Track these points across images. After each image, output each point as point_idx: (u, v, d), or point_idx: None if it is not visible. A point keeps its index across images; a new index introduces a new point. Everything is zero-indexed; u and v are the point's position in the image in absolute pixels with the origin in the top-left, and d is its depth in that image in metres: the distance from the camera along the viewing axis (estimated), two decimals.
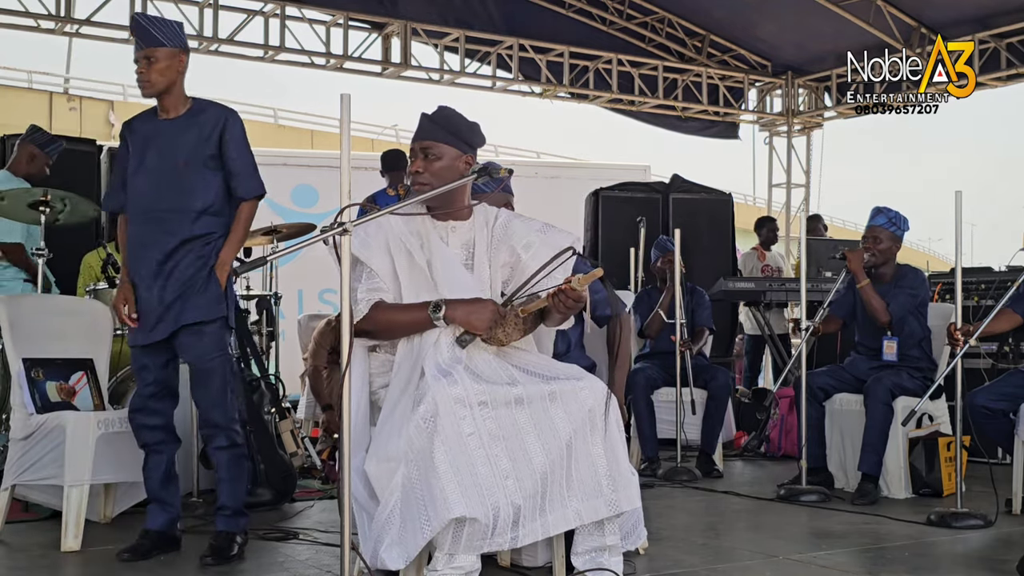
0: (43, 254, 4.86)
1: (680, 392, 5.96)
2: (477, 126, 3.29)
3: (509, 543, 2.87)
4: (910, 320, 5.31)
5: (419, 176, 3.18)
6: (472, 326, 3.00)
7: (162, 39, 3.73)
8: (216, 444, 3.78)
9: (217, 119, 3.77)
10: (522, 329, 3.10)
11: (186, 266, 3.70)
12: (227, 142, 3.76)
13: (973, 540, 4.26)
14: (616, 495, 2.99)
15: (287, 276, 6.61)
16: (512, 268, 3.21)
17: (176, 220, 3.69)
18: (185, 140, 3.75)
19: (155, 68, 3.73)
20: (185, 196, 3.71)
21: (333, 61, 11.02)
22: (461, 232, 3.24)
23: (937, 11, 10.95)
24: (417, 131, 3.24)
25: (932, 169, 78.09)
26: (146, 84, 3.75)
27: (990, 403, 4.70)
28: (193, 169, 3.72)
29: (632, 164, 13.08)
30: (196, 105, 3.82)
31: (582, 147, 58.08)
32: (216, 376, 3.74)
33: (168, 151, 3.75)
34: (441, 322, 3.02)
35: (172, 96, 3.79)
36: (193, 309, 3.69)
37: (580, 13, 11.90)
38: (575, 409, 2.98)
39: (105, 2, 9.88)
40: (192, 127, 3.76)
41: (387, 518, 2.84)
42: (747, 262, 9.50)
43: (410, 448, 2.82)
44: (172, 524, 3.82)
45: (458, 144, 3.21)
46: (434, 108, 3.28)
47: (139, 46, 3.74)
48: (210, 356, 3.72)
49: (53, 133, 6.18)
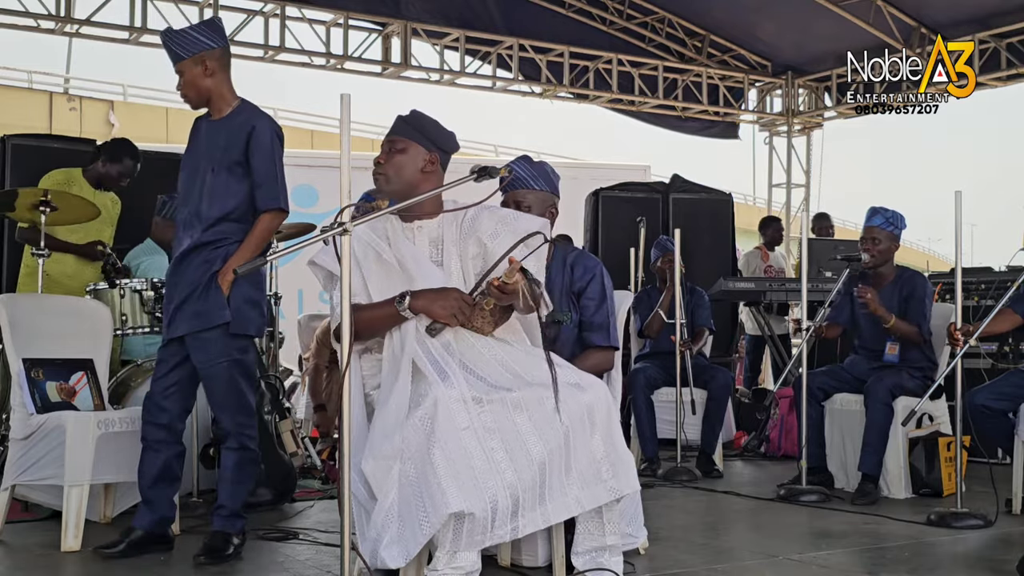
0: (43, 254, 4.85)
1: (680, 392, 5.96)
2: (451, 134, 3.34)
3: (510, 534, 2.88)
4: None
5: (378, 168, 3.24)
6: (435, 314, 3.04)
7: (181, 52, 3.74)
8: (226, 445, 3.81)
9: (244, 125, 3.72)
10: (492, 321, 3.13)
11: (193, 270, 3.71)
12: (253, 149, 3.70)
13: (973, 540, 4.26)
14: (616, 480, 3.00)
15: (287, 276, 6.59)
16: (484, 259, 3.23)
17: (194, 224, 3.72)
18: (215, 144, 3.74)
19: (185, 82, 3.76)
20: (205, 201, 3.71)
21: (333, 61, 11.02)
22: (428, 230, 3.27)
23: (937, 11, 10.95)
24: (389, 130, 3.29)
25: (932, 169, 78.17)
26: (185, 100, 3.79)
27: (990, 402, 4.70)
28: (217, 174, 3.70)
29: (632, 164, 13.08)
30: (238, 107, 3.80)
31: (582, 147, 58.13)
32: (219, 381, 3.73)
33: (201, 153, 3.78)
34: (408, 312, 3.05)
35: (215, 100, 3.79)
36: (193, 317, 3.69)
37: (580, 13, 11.90)
38: (574, 410, 2.98)
39: (105, 2, 9.88)
40: (224, 131, 3.75)
41: (385, 516, 2.84)
42: (750, 262, 9.49)
43: (406, 445, 2.83)
44: (159, 524, 3.82)
45: (423, 142, 3.25)
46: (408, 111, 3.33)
47: (171, 63, 3.77)
48: (212, 362, 3.71)
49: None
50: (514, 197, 3.76)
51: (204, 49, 3.75)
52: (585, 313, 3.90)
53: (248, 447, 3.79)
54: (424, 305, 3.05)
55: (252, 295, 3.78)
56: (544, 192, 3.81)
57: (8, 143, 6.51)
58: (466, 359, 3.06)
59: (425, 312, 3.05)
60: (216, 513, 3.78)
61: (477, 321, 3.10)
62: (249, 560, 3.73)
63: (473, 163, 3.23)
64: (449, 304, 3.04)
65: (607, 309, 3.90)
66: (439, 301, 3.05)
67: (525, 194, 3.76)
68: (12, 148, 6.48)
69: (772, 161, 13.79)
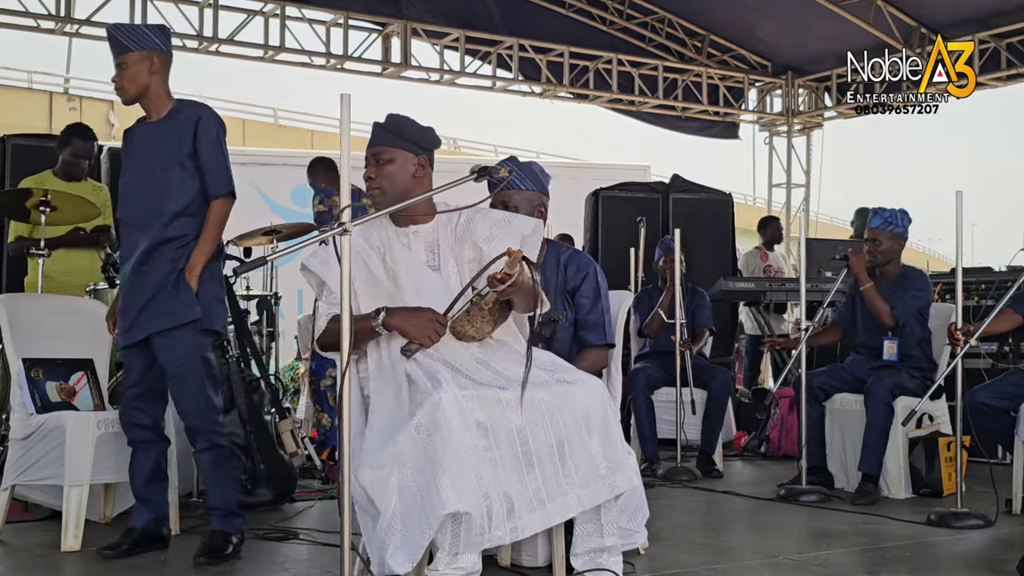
0: (43, 254, 4.86)
1: (680, 392, 5.96)
2: (430, 130, 3.31)
3: (509, 535, 2.88)
4: (911, 322, 5.30)
5: (371, 182, 3.23)
6: (408, 334, 3.02)
7: (130, 45, 3.74)
8: (197, 447, 3.80)
9: (190, 117, 3.75)
10: (491, 321, 3.12)
11: (158, 269, 3.70)
12: (200, 139, 3.73)
13: (973, 540, 4.26)
14: (614, 476, 3.00)
15: (287, 276, 6.59)
16: (479, 263, 3.21)
17: (152, 223, 3.70)
18: (163, 142, 3.76)
19: (126, 75, 3.75)
20: (160, 198, 3.71)
21: (333, 61, 11.02)
22: (424, 234, 3.26)
23: (937, 11, 10.95)
24: (369, 140, 3.27)
25: (932, 169, 78.14)
26: (120, 91, 3.79)
27: (990, 400, 4.70)
28: (169, 171, 3.72)
29: (632, 164, 13.08)
30: (176, 106, 3.82)
31: (582, 147, 58.04)
32: (190, 380, 3.72)
33: (148, 154, 3.77)
34: (381, 328, 3.04)
35: (151, 99, 3.81)
36: (163, 315, 3.68)
37: (580, 13, 11.90)
38: (568, 412, 2.98)
39: (105, 2, 9.87)
40: (169, 128, 3.77)
41: (388, 524, 2.84)
42: (749, 261, 9.50)
43: (402, 452, 2.83)
44: (157, 523, 3.83)
45: (408, 147, 3.23)
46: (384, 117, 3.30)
47: (113, 56, 3.77)
48: (182, 360, 3.71)
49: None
50: (501, 198, 3.76)
51: (153, 48, 3.78)
52: (580, 312, 3.90)
53: (220, 444, 3.79)
54: (398, 323, 3.03)
55: (219, 293, 3.83)
56: (532, 192, 3.81)
57: (8, 143, 6.53)
58: (449, 360, 3.06)
59: (399, 331, 3.03)
60: (212, 514, 3.78)
61: (476, 322, 3.08)
62: (249, 560, 3.73)
63: (473, 163, 3.23)
64: (421, 324, 3.01)
65: (602, 307, 3.91)
66: (412, 321, 3.02)
67: (512, 195, 3.76)
68: (12, 148, 6.50)
69: (772, 161, 13.79)
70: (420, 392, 2.92)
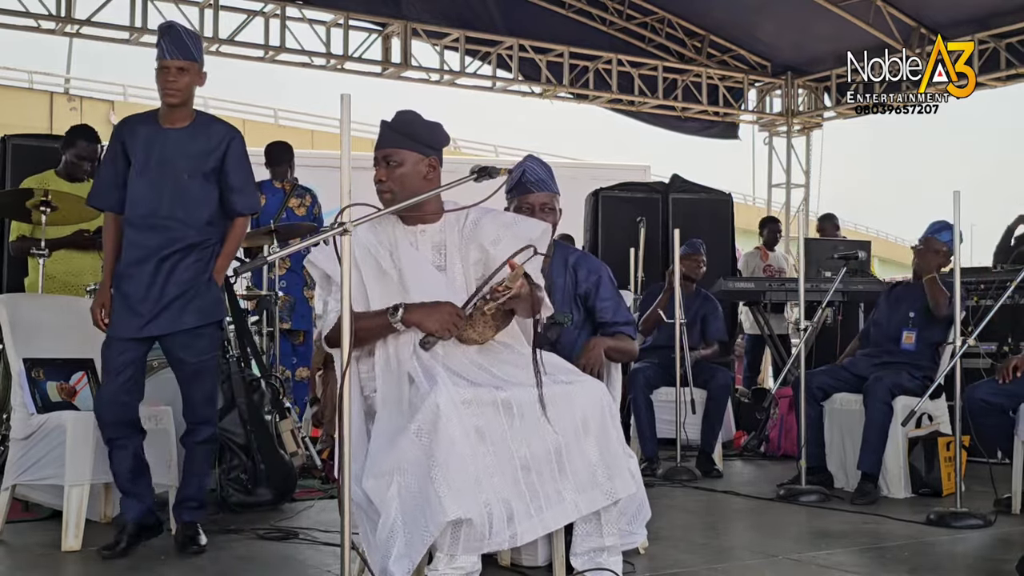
0: (43, 254, 4.86)
1: (680, 392, 5.96)
2: (438, 126, 3.28)
3: (508, 541, 2.88)
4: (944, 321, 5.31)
5: (382, 185, 3.21)
6: (428, 327, 3.02)
7: (196, 54, 3.86)
8: (200, 438, 3.91)
9: (224, 137, 3.91)
10: (494, 326, 3.12)
11: (185, 268, 3.80)
12: (229, 159, 3.89)
13: (973, 540, 4.26)
14: (611, 483, 3.00)
15: None
16: (484, 265, 3.22)
17: (180, 227, 3.81)
18: (191, 151, 3.85)
19: (184, 80, 3.83)
20: (191, 206, 3.83)
21: (333, 61, 11.01)
22: (431, 234, 3.25)
23: (937, 11, 10.95)
24: (378, 140, 3.25)
25: (932, 169, 77.99)
26: (176, 93, 3.83)
27: (989, 396, 4.71)
28: (195, 179, 3.84)
29: (632, 164, 13.10)
30: (200, 118, 3.94)
31: (582, 147, 57.98)
32: (209, 375, 3.91)
33: (173, 160, 3.84)
34: (400, 324, 3.04)
35: (186, 107, 3.90)
36: (194, 313, 3.81)
37: (580, 13, 11.90)
38: (566, 414, 2.98)
39: (105, 2, 9.87)
40: (198, 139, 3.87)
41: (390, 531, 2.84)
42: (749, 262, 9.51)
43: (403, 457, 2.84)
44: (148, 513, 3.86)
45: (418, 148, 3.21)
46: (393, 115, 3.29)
47: (172, 54, 3.79)
48: (207, 356, 3.88)
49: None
50: (539, 200, 3.80)
51: (202, 61, 3.93)
52: (605, 315, 3.94)
53: (216, 437, 4.07)
54: (418, 319, 3.03)
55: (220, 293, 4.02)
56: (557, 194, 3.90)
57: (8, 143, 6.52)
58: (448, 363, 3.06)
59: (418, 325, 3.04)
60: (184, 506, 3.89)
61: (479, 326, 3.09)
62: (249, 560, 3.74)
63: (473, 163, 3.22)
64: (442, 318, 3.03)
65: (624, 305, 4.00)
66: (433, 315, 3.03)
67: (550, 197, 3.85)
68: (12, 148, 6.49)
69: (772, 161, 13.78)
70: (419, 395, 2.92)
